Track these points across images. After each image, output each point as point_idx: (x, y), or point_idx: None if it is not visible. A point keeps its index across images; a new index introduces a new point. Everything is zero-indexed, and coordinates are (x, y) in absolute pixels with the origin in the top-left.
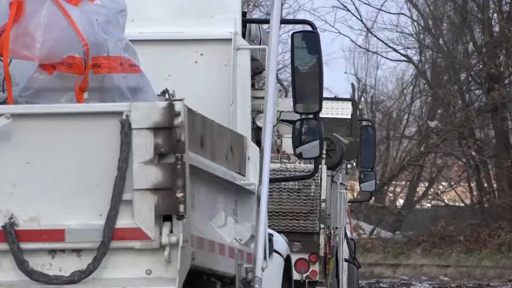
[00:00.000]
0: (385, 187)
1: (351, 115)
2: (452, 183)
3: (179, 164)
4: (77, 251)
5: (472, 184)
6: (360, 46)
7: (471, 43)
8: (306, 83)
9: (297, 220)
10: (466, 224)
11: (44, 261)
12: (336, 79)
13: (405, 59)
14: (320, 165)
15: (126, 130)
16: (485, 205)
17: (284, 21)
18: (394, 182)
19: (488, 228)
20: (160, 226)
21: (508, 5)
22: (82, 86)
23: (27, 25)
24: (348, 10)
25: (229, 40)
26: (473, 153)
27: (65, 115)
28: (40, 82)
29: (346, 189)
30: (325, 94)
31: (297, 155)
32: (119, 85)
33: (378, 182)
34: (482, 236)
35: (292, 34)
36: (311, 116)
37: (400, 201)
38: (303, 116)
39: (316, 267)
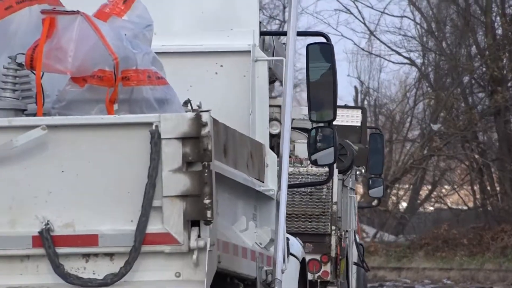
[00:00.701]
0: (388, 190)
1: (361, 122)
2: (455, 186)
3: (206, 172)
4: (110, 255)
5: (475, 187)
6: (363, 49)
7: (474, 46)
8: (321, 93)
9: (309, 222)
10: (469, 227)
11: (78, 265)
12: (339, 82)
13: (408, 62)
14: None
15: (155, 140)
16: (488, 208)
17: (300, 33)
18: (397, 185)
19: (491, 231)
20: (189, 231)
21: (511, 8)
22: (112, 98)
23: (59, 40)
24: (351, 13)
25: (248, 52)
26: (476, 156)
27: (98, 126)
28: (72, 95)
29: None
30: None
31: (312, 161)
32: (147, 97)
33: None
34: (485, 239)
35: (307, 46)
36: (326, 124)
37: (403, 204)
38: (318, 125)
39: (327, 268)
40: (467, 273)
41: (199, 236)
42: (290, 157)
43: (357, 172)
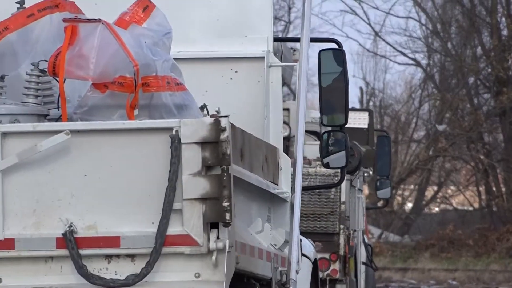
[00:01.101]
0: (394, 191)
1: (368, 125)
2: (461, 187)
3: (225, 176)
4: (131, 256)
5: (480, 188)
6: (368, 50)
7: (479, 47)
8: (333, 98)
9: (318, 221)
10: (474, 228)
11: (101, 266)
12: None
13: (414, 63)
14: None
15: (176, 144)
16: (494, 209)
17: (313, 40)
18: (402, 186)
19: (497, 232)
20: (208, 233)
21: None
22: (133, 103)
23: (81, 48)
24: (356, 14)
25: (262, 58)
26: (482, 157)
27: (119, 131)
28: (94, 100)
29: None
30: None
31: (324, 165)
32: (167, 102)
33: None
34: (491, 240)
35: (320, 52)
36: (337, 128)
37: (409, 205)
38: (329, 128)
39: (336, 266)
40: (472, 274)
41: (218, 237)
42: None
43: (365, 174)
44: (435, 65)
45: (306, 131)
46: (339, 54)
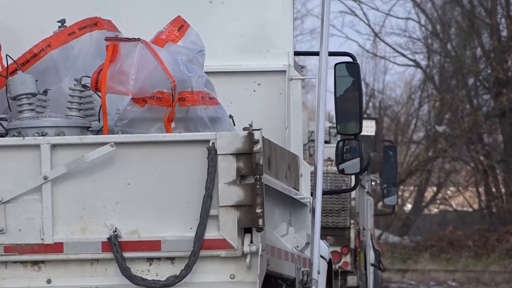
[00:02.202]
0: None
1: (375, 132)
2: (460, 188)
3: (258, 184)
4: (171, 259)
5: (480, 189)
6: (367, 51)
7: (479, 48)
8: (347, 108)
9: (330, 216)
10: (474, 229)
11: (143, 268)
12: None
13: (413, 64)
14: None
15: (212, 155)
16: (493, 210)
17: (330, 54)
18: (402, 187)
19: (496, 233)
20: (242, 237)
21: None
22: (170, 117)
23: (122, 65)
24: (356, 15)
25: (284, 71)
26: (481, 158)
27: (161, 143)
28: (133, 114)
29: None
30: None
31: (339, 170)
32: (201, 116)
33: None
34: (490, 241)
35: (335, 65)
36: (352, 137)
37: (408, 206)
38: (345, 137)
39: (347, 259)
40: (472, 275)
41: (251, 241)
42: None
43: (372, 183)
44: (435, 66)
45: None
46: (353, 67)
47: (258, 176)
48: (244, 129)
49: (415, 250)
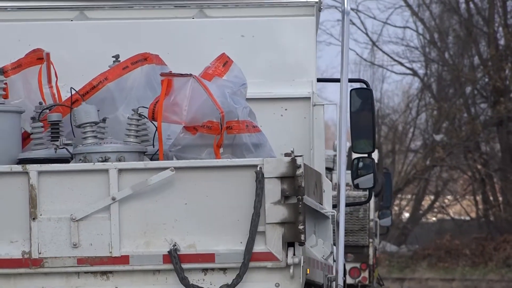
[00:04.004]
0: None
1: (377, 159)
2: (458, 197)
3: (300, 204)
4: (224, 270)
5: (477, 198)
6: (365, 60)
7: (476, 57)
8: (362, 129)
9: (351, 236)
10: (471, 237)
11: (198, 277)
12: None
13: (411, 72)
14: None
15: (260, 178)
16: (491, 219)
17: (349, 80)
18: (399, 196)
19: (494, 241)
20: (286, 251)
21: None
22: (219, 143)
23: (175, 97)
24: (353, 24)
25: (308, 98)
26: (479, 167)
27: (214, 168)
28: (186, 141)
29: None
30: (333, 107)
31: (355, 185)
32: (246, 142)
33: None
34: (488, 249)
35: (351, 90)
36: (366, 155)
37: (406, 215)
38: (360, 155)
39: (366, 274)
40: (469, 284)
41: (294, 254)
42: None
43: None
44: (433, 75)
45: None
46: (367, 93)
47: (300, 197)
48: (286, 154)
49: (413, 258)
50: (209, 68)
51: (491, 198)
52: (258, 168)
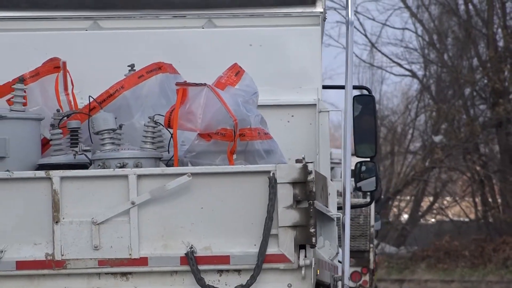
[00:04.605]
0: (390, 202)
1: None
2: (457, 198)
3: (311, 208)
4: (238, 271)
5: (476, 199)
6: (364, 61)
7: (475, 58)
8: (365, 134)
9: (352, 241)
10: (470, 239)
11: (214, 278)
12: (341, 94)
13: (410, 74)
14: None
15: (273, 184)
16: (490, 220)
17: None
18: (398, 197)
19: (493, 243)
20: (298, 253)
21: None
22: (232, 150)
23: (190, 106)
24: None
25: (314, 105)
26: (478, 168)
27: (229, 174)
28: (200, 147)
29: None
30: (331, 108)
31: (357, 188)
32: (258, 149)
33: (382, 196)
34: (487, 251)
35: (354, 97)
36: (368, 159)
37: (405, 216)
38: (362, 159)
39: (367, 278)
40: (469, 285)
41: (305, 256)
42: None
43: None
44: (432, 76)
45: None
46: (369, 99)
47: (311, 201)
48: (297, 161)
49: (412, 260)
50: (221, 77)
51: (490, 199)
52: (271, 174)
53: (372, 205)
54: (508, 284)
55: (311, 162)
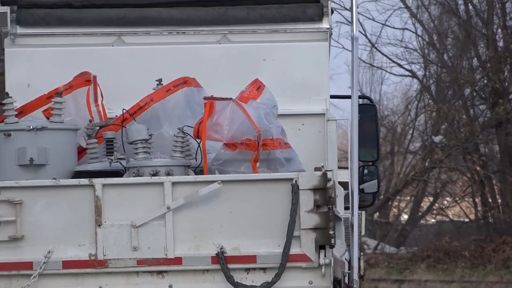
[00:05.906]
0: (390, 202)
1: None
2: (457, 198)
3: (331, 212)
4: (264, 269)
5: (476, 199)
6: (364, 61)
7: (475, 58)
8: (367, 139)
9: None
10: (470, 239)
11: (242, 276)
12: (341, 92)
13: (410, 74)
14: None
15: (295, 190)
16: (490, 220)
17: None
18: (398, 197)
19: (493, 243)
20: (318, 253)
21: None
22: (256, 158)
23: (217, 118)
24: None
25: (323, 114)
26: (478, 168)
27: (256, 181)
28: (226, 156)
29: None
30: (331, 109)
31: (360, 190)
32: (279, 157)
33: (382, 196)
34: (487, 251)
35: (358, 106)
36: (371, 163)
37: (405, 216)
38: (364, 163)
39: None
40: (468, 286)
41: (325, 255)
42: None
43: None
44: (431, 76)
45: None
46: (372, 108)
47: (331, 206)
48: (317, 169)
49: (412, 260)
50: (244, 92)
51: (490, 199)
52: (294, 181)
53: (363, 213)
54: (508, 285)
55: (331, 170)
